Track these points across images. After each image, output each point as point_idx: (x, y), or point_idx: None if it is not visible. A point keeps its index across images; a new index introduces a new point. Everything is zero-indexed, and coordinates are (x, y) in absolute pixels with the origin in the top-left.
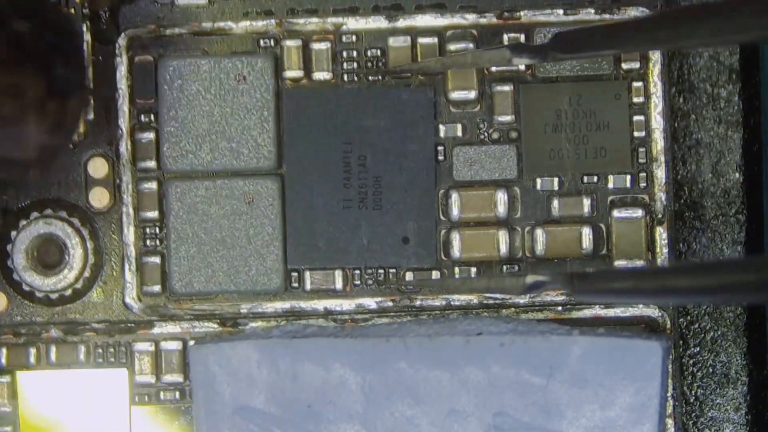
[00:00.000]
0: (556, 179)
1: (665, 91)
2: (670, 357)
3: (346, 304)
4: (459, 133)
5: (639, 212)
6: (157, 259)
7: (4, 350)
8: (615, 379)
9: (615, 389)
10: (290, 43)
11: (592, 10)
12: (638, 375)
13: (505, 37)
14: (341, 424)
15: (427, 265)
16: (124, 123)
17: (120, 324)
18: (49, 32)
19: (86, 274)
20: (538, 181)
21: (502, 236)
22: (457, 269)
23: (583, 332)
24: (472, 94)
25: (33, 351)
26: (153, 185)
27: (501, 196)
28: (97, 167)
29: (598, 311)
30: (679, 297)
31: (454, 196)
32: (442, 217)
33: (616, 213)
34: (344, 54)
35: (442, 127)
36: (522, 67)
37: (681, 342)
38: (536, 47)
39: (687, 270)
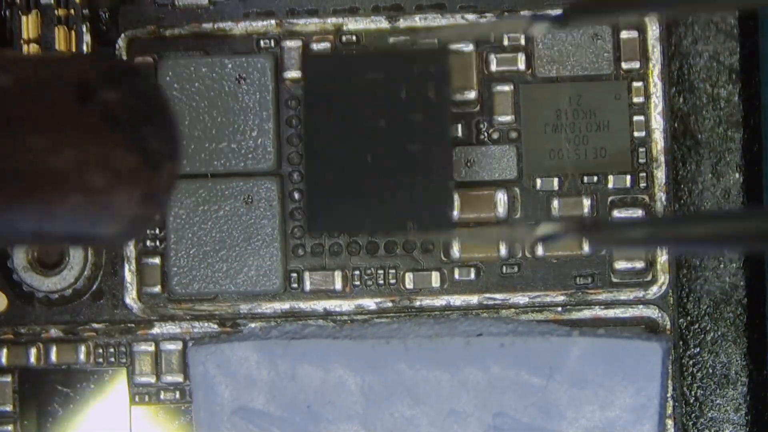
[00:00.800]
0: (556, 179)
1: (665, 91)
2: (670, 358)
3: (346, 305)
4: (459, 134)
5: (639, 212)
6: (156, 260)
7: (5, 350)
8: (615, 379)
9: (615, 390)
10: (290, 44)
11: None
12: (638, 376)
13: (505, 37)
14: (341, 424)
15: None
16: None
17: (120, 324)
18: (139, 102)
19: (86, 274)
20: (538, 181)
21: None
22: (456, 269)
23: (583, 333)
24: (471, 94)
25: (33, 351)
26: None
27: (501, 197)
28: None
29: (598, 312)
30: (695, 245)
31: (454, 197)
32: None
33: (616, 213)
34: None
35: None
36: (522, 67)
37: (681, 342)
38: (555, 15)
39: (703, 218)
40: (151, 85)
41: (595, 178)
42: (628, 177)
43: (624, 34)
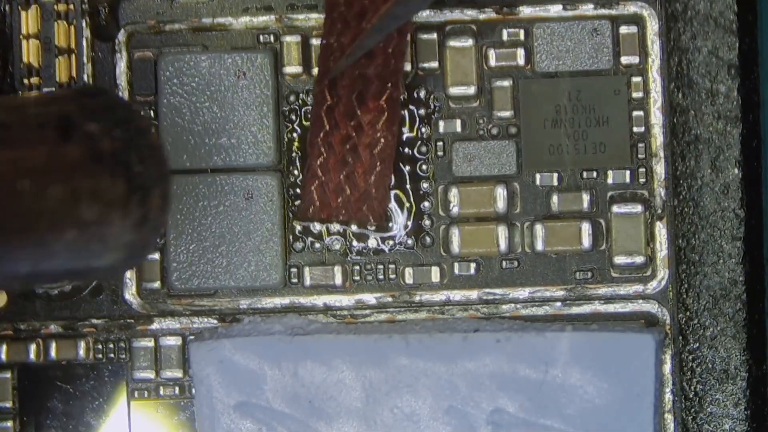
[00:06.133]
0: (555, 175)
1: (664, 86)
2: (665, 349)
3: (346, 300)
4: (458, 129)
5: (638, 208)
6: (156, 255)
7: (5, 346)
8: (609, 372)
9: (609, 382)
10: (290, 39)
11: (591, 5)
12: (632, 368)
13: (504, 32)
14: (342, 419)
15: None
16: None
17: (119, 320)
18: (120, 130)
19: None
20: (538, 176)
21: (502, 232)
22: (456, 264)
23: (577, 328)
24: (471, 90)
25: (33, 347)
26: None
27: (500, 192)
28: None
29: (598, 307)
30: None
31: (454, 192)
32: (441, 213)
33: (615, 208)
34: None
35: (441, 123)
36: (521, 62)
37: (680, 338)
38: None
39: None
40: (131, 112)
41: (595, 173)
42: (628, 172)
43: (623, 30)
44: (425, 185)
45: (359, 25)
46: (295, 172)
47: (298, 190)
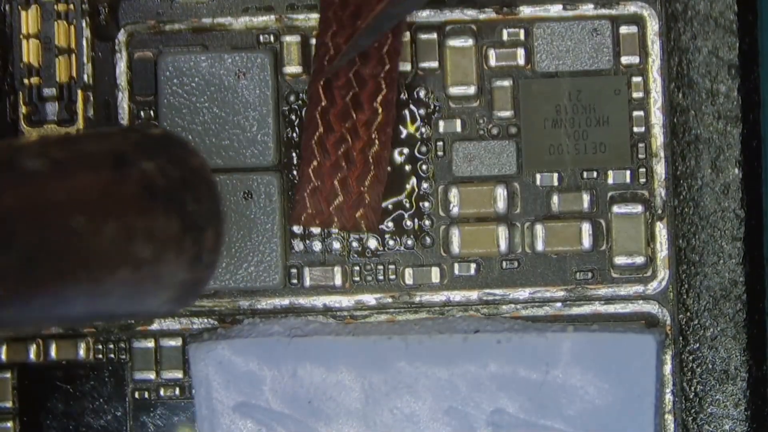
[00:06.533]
0: (555, 175)
1: (665, 86)
2: (666, 350)
3: (345, 301)
4: (458, 129)
5: (639, 208)
6: None
7: (5, 346)
8: (610, 373)
9: (610, 383)
10: (290, 39)
11: (591, 5)
12: (633, 368)
13: (504, 32)
14: (341, 419)
15: None
16: (123, 119)
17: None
18: (175, 168)
19: None
20: (538, 176)
21: (502, 232)
22: (456, 265)
23: (578, 328)
24: (471, 90)
25: (33, 347)
26: None
27: (500, 192)
28: None
29: (598, 307)
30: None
31: (454, 192)
32: (441, 213)
33: (615, 208)
34: None
35: (441, 123)
36: (521, 62)
37: (680, 338)
38: None
39: None
40: (187, 150)
41: (595, 173)
42: (628, 172)
43: (623, 30)
44: (425, 185)
45: (354, 25)
46: (295, 172)
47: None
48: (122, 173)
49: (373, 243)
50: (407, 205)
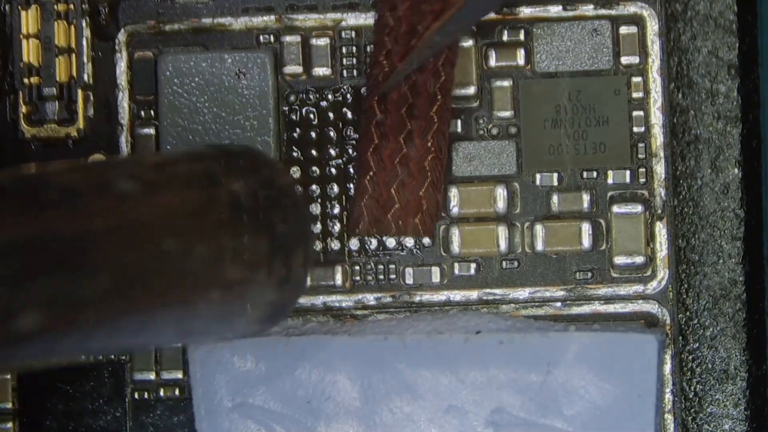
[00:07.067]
0: (555, 175)
1: (664, 86)
2: (665, 350)
3: (346, 300)
4: (458, 129)
5: (638, 208)
6: None
7: None
8: (611, 373)
9: (611, 383)
10: (290, 39)
11: (591, 6)
12: (634, 369)
13: (504, 32)
14: (341, 419)
15: None
16: (123, 119)
17: None
18: (264, 189)
19: None
20: (538, 176)
21: (502, 232)
22: (456, 265)
23: (579, 328)
24: (471, 90)
25: None
26: None
27: (500, 192)
28: None
29: (598, 307)
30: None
31: (453, 192)
32: (441, 213)
33: (615, 208)
34: (344, 50)
35: None
36: (521, 63)
37: (680, 338)
38: None
39: None
40: (276, 171)
41: (595, 173)
42: (628, 172)
43: (623, 30)
44: None
45: (408, 43)
46: (295, 172)
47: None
48: (212, 194)
49: (373, 242)
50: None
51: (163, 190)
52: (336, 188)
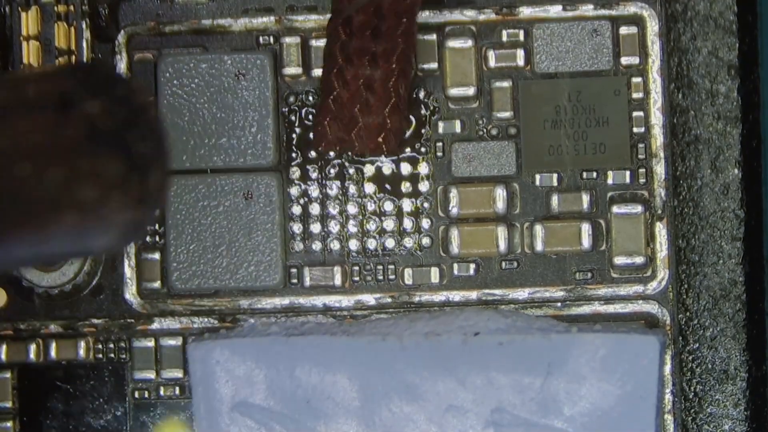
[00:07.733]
0: (555, 175)
1: (664, 87)
2: (667, 352)
3: (345, 301)
4: (458, 130)
5: (638, 208)
6: (156, 255)
7: (5, 346)
8: (612, 374)
9: (612, 384)
10: (289, 40)
11: (591, 6)
12: (635, 370)
13: (504, 33)
14: (340, 419)
15: None
16: None
17: (119, 320)
18: (119, 107)
19: (86, 269)
20: (537, 177)
21: (501, 232)
22: (455, 265)
23: (581, 329)
24: (470, 91)
25: (33, 347)
26: None
27: (500, 192)
28: None
29: (598, 307)
30: None
31: (453, 192)
32: (440, 213)
33: (615, 209)
34: None
35: (440, 124)
36: (521, 63)
37: (680, 338)
38: None
39: None
40: (131, 89)
41: (595, 174)
42: (628, 172)
43: (623, 30)
44: (425, 186)
45: None
46: (295, 172)
47: (295, 191)
48: (65, 115)
49: (372, 243)
50: (407, 204)
51: (15, 113)
52: (335, 188)
